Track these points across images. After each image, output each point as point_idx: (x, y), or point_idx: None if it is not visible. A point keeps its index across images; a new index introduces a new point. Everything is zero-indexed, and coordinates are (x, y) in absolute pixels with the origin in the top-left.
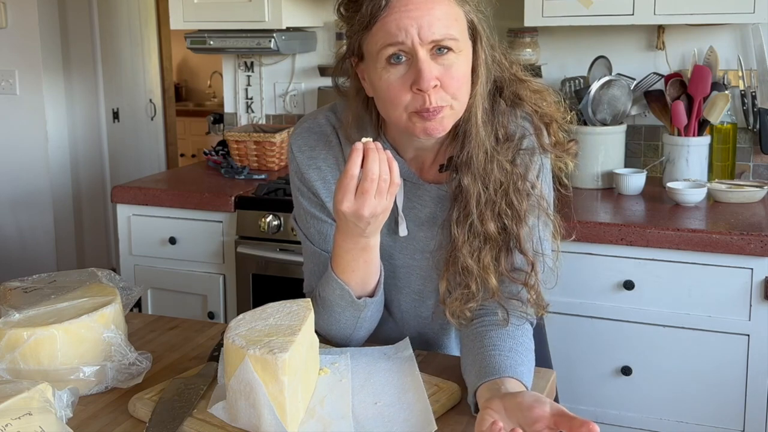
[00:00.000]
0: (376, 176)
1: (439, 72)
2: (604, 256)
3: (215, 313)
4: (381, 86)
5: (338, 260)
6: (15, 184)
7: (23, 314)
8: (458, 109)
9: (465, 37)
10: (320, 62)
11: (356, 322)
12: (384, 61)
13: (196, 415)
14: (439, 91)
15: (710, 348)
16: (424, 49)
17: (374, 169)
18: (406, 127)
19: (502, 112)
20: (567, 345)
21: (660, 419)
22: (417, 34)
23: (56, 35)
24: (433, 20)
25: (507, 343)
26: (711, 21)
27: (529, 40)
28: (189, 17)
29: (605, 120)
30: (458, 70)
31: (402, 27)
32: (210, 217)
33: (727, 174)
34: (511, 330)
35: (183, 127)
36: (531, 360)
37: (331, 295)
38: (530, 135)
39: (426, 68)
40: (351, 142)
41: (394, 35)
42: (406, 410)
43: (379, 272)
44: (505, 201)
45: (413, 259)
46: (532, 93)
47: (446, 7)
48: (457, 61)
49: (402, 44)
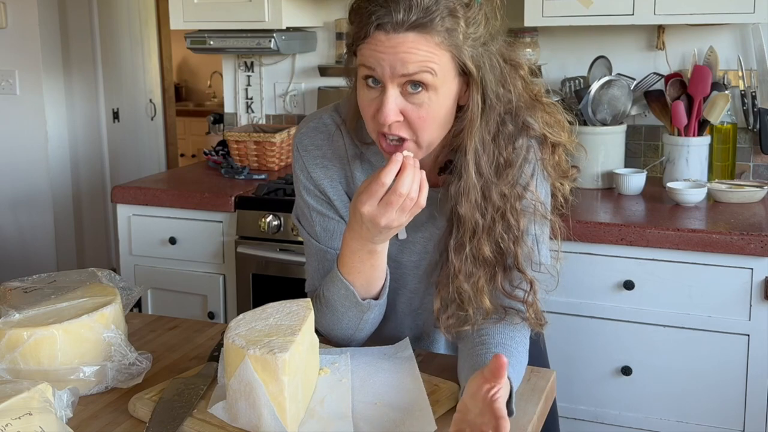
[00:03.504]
0: (405, 192)
1: (405, 107)
2: (604, 256)
3: (215, 313)
4: (359, 97)
5: (345, 260)
6: (15, 184)
7: (23, 314)
8: (425, 146)
9: (448, 76)
10: (320, 62)
11: (359, 323)
12: (362, 79)
13: (196, 415)
14: (401, 125)
15: (710, 348)
16: (395, 83)
17: (406, 184)
18: (376, 142)
19: (508, 135)
20: (567, 345)
21: (660, 419)
22: (389, 68)
23: (56, 35)
24: (408, 58)
25: (495, 339)
26: (711, 21)
27: (529, 40)
28: (189, 17)
29: (605, 120)
30: (428, 109)
31: (376, 60)
32: (210, 217)
33: (727, 174)
34: (503, 326)
35: (183, 127)
36: (521, 353)
37: (335, 295)
38: (531, 151)
39: (388, 104)
40: (355, 136)
41: (369, 63)
42: (406, 410)
43: (385, 276)
44: (502, 225)
45: (410, 261)
46: (546, 115)
47: (426, 49)
48: (429, 101)
49: (375, 72)
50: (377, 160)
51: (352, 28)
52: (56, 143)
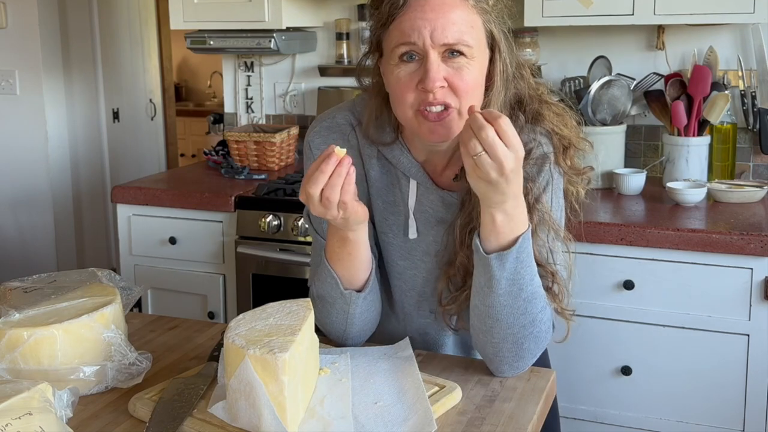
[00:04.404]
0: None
1: (447, 73)
2: (604, 256)
3: (215, 313)
4: (391, 81)
5: (328, 247)
6: (15, 184)
7: (23, 314)
8: (466, 115)
9: (482, 45)
10: (320, 62)
11: (346, 317)
12: (397, 59)
13: (196, 415)
14: (446, 91)
15: (710, 348)
16: (436, 51)
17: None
18: (412, 126)
19: (521, 126)
20: (566, 345)
21: (660, 419)
22: (429, 36)
23: (56, 35)
24: (448, 24)
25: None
26: (711, 21)
27: (529, 40)
28: (189, 17)
29: (605, 120)
30: (468, 73)
31: (416, 28)
32: (210, 217)
33: (727, 174)
34: None
35: (183, 127)
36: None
37: (323, 284)
38: (542, 146)
39: (433, 68)
40: (369, 141)
41: (408, 35)
42: (406, 410)
43: (369, 270)
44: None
45: (422, 261)
46: (554, 115)
47: (463, 13)
48: (468, 66)
49: (414, 44)
50: (395, 160)
51: (383, 4)
52: (56, 143)
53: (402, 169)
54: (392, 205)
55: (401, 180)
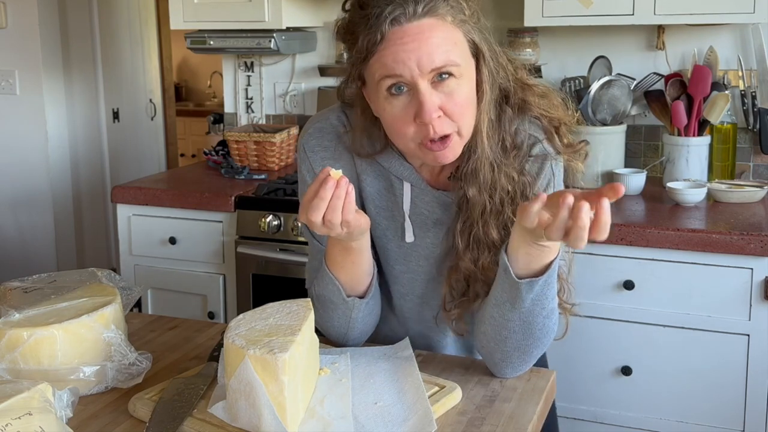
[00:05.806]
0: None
1: (441, 100)
2: (604, 256)
3: (215, 313)
4: (385, 117)
5: (329, 255)
6: (15, 184)
7: (23, 314)
8: (466, 134)
9: (467, 57)
10: (320, 62)
11: (348, 321)
12: (385, 92)
13: (196, 415)
14: (443, 120)
15: (710, 348)
16: (425, 79)
17: (320, 208)
18: (416, 155)
19: (509, 119)
20: (567, 345)
21: (660, 419)
22: (416, 66)
23: (56, 35)
24: (431, 49)
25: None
26: (711, 21)
27: (529, 40)
28: (189, 17)
29: (605, 120)
30: (460, 95)
31: (399, 60)
32: (210, 217)
33: (727, 174)
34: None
35: (183, 127)
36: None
37: (324, 290)
38: (541, 141)
39: (427, 100)
40: (360, 151)
41: (392, 68)
42: (406, 410)
43: (371, 276)
44: (511, 209)
45: (419, 266)
46: (539, 98)
47: (444, 32)
48: (459, 87)
49: (401, 77)
50: (388, 164)
51: (360, 40)
52: (56, 143)
53: (395, 173)
54: (387, 209)
55: (395, 183)
